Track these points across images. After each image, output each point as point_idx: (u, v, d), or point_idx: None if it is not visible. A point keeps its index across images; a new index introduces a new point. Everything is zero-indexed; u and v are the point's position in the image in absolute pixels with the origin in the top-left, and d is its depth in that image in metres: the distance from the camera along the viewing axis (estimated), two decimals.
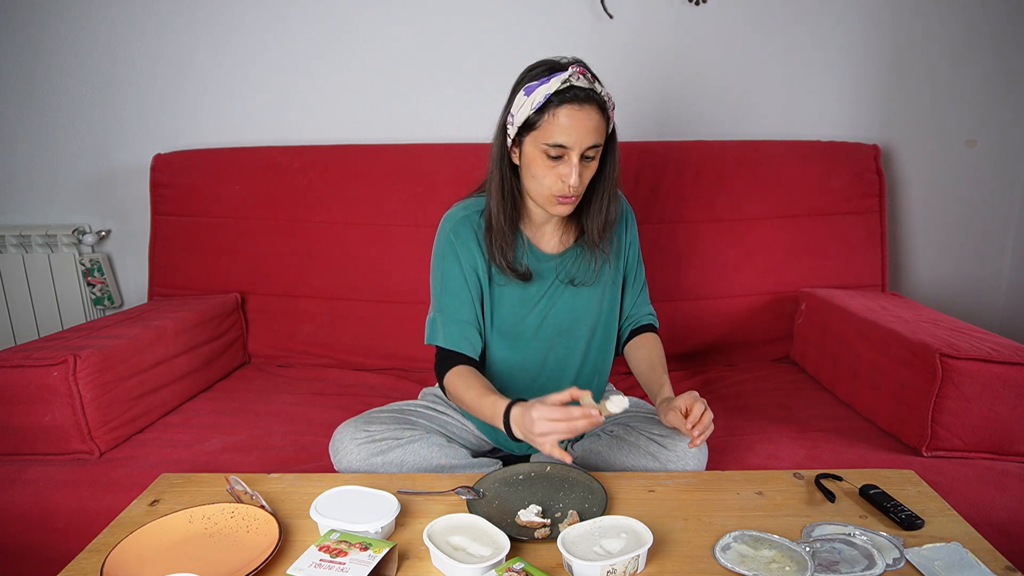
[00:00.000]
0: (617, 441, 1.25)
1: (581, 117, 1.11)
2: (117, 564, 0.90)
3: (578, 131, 1.11)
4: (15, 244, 2.14)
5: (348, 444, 1.23)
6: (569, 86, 1.10)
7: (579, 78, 1.10)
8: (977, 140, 2.07)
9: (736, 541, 0.96)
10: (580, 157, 1.13)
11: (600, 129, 1.13)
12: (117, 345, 1.46)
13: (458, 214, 1.28)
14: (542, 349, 1.31)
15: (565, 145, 1.12)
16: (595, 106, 1.12)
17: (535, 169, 1.16)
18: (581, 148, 1.12)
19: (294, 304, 1.95)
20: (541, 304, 1.29)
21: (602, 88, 1.14)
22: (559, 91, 1.10)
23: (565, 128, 1.11)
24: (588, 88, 1.11)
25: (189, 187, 1.98)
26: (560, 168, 1.14)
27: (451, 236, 1.26)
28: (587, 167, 1.16)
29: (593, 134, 1.12)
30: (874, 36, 2.00)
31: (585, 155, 1.14)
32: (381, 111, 2.09)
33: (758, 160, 1.92)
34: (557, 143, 1.11)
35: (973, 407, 1.29)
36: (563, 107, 1.10)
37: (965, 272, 2.15)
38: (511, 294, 1.28)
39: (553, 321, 1.30)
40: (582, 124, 1.11)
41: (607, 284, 1.33)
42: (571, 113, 1.10)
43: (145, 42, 2.06)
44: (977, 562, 0.91)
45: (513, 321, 1.29)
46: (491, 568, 0.88)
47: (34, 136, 2.14)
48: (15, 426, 1.36)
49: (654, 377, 1.28)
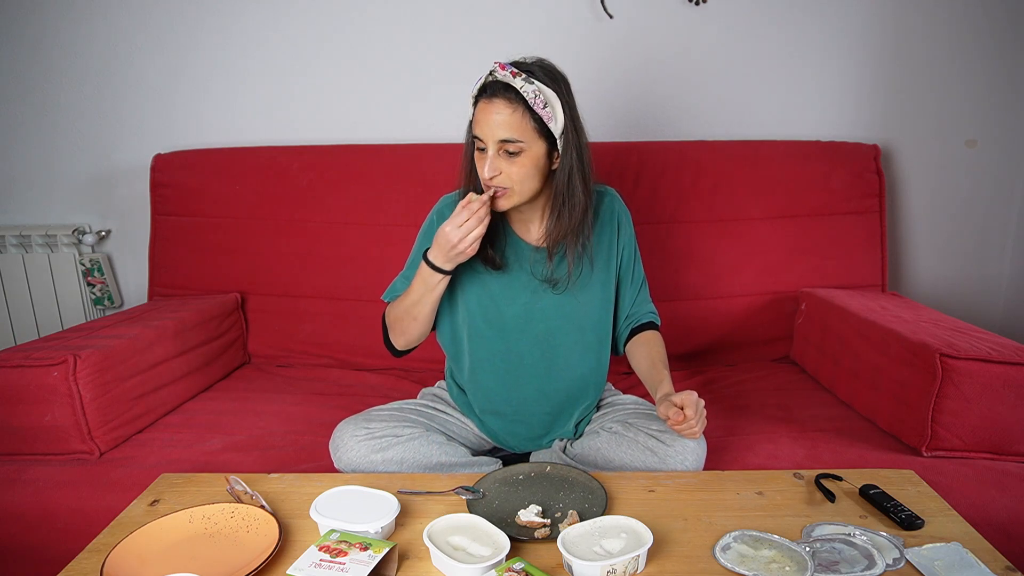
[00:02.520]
0: (616, 438, 1.26)
1: (489, 110, 1.14)
2: (117, 564, 0.90)
3: (486, 124, 1.14)
4: (15, 244, 2.14)
5: (348, 441, 1.23)
6: (490, 81, 1.14)
7: (499, 72, 1.13)
8: (977, 140, 2.07)
9: (736, 541, 0.96)
10: (498, 151, 1.15)
11: (512, 123, 1.13)
12: (117, 345, 1.46)
13: (450, 199, 1.34)
14: (528, 343, 1.31)
15: (478, 137, 1.17)
16: (505, 100, 1.13)
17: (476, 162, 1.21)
18: (493, 140, 1.15)
19: (294, 304, 1.95)
20: (524, 297, 1.30)
21: (527, 83, 1.12)
22: (481, 86, 1.16)
23: (478, 121, 1.16)
24: (501, 82, 1.13)
25: (189, 187, 1.98)
26: (481, 161, 1.18)
27: (435, 217, 1.33)
28: (511, 162, 1.16)
29: (502, 128, 1.14)
30: (874, 36, 2.00)
31: (506, 150, 1.15)
32: (380, 111, 2.09)
33: (758, 160, 1.92)
34: (475, 135, 1.18)
35: (973, 407, 1.29)
36: (480, 101, 1.16)
37: (965, 272, 2.15)
38: (493, 282, 1.30)
39: (539, 318, 1.30)
40: (489, 117, 1.14)
41: (596, 287, 1.33)
42: (483, 107, 1.15)
43: (145, 42, 2.06)
44: (977, 562, 0.90)
45: (496, 309, 1.30)
46: (491, 568, 0.88)
47: (34, 136, 2.14)
48: (15, 426, 1.36)
49: (654, 373, 1.28)
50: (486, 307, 1.30)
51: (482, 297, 1.30)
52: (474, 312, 1.31)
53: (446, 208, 1.31)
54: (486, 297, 1.30)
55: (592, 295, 1.32)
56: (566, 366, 1.33)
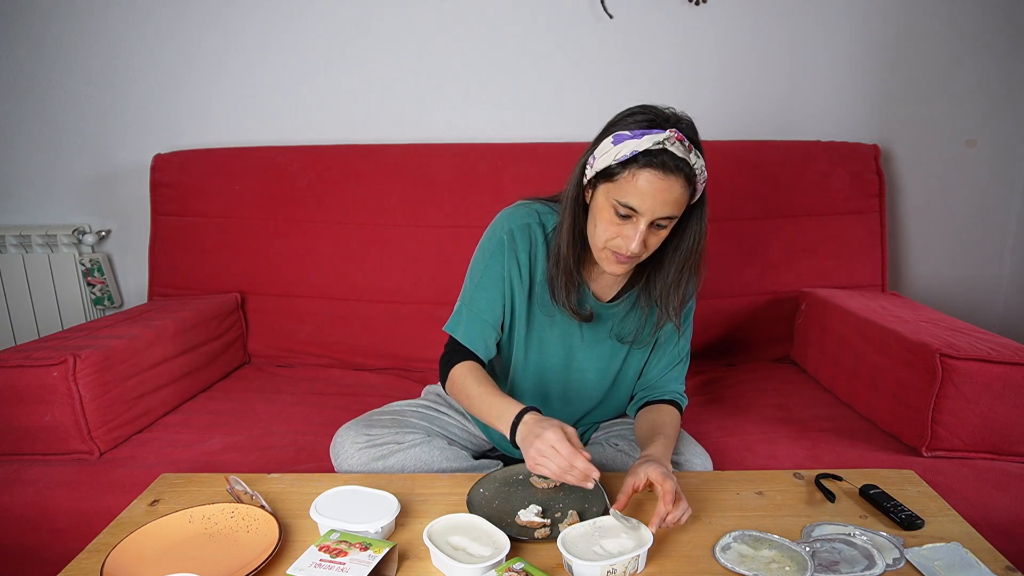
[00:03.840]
0: (621, 456, 1.25)
1: (662, 187, 1.01)
2: (117, 564, 0.90)
3: (654, 200, 1.02)
4: (15, 244, 2.14)
5: (349, 448, 1.23)
6: (661, 149, 1.00)
7: (675, 143, 1.01)
8: (977, 140, 2.07)
9: (736, 541, 0.96)
10: (649, 224, 1.05)
11: (680, 202, 1.04)
12: (117, 345, 1.46)
13: (523, 218, 1.20)
14: (574, 388, 1.29)
15: (636, 209, 1.03)
16: (681, 177, 1.02)
17: (600, 219, 1.09)
18: (652, 216, 1.04)
19: (294, 304, 1.95)
20: (580, 348, 1.26)
21: (697, 159, 1.04)
22: (648, 151, 1.01)
23: (642, 192, 1.02)
24: (681, 158, 1.01)
25: (189, 187, 1.98)
26: (625, 229, 1.06)
27: (506, 238, 1.19)
28: (654, 234, 1.08)
29: (670, 206, 1.03)
30: (874, 36, 2.00)
31: (657, 223, 1.06)
32: (381, 111, 2.09)
33: (758, 160, 1.92)
34: (628, 204, 1.03)
35: (973, 407, 1.29)
36: (646, 170, 1.01)
37: (965, 272, 2.15)
38: (553, 330, 1.24)
39: (596, 368, 1.27)
40: (660, 195, 1.02)
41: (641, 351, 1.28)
42: (652, 180, 1.01)
43: (145, 42, 2.06)
44: (977, 562, 0.90)
45: (548, 353, 1.26)
46: (491, 568, 0.88)
47: (34, 136, 2.14)
48: (15, 426, 1.36)
49: (651, 437, 1.14)
50: (541, 349, 1.26)
51: (541, 340, 1.25)
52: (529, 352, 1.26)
53: (519, 234, 1.18)
54: (543, 341, 1.25)
55: (636, 357, 1.28)
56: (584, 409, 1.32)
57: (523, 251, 1.19)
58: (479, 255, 1.23)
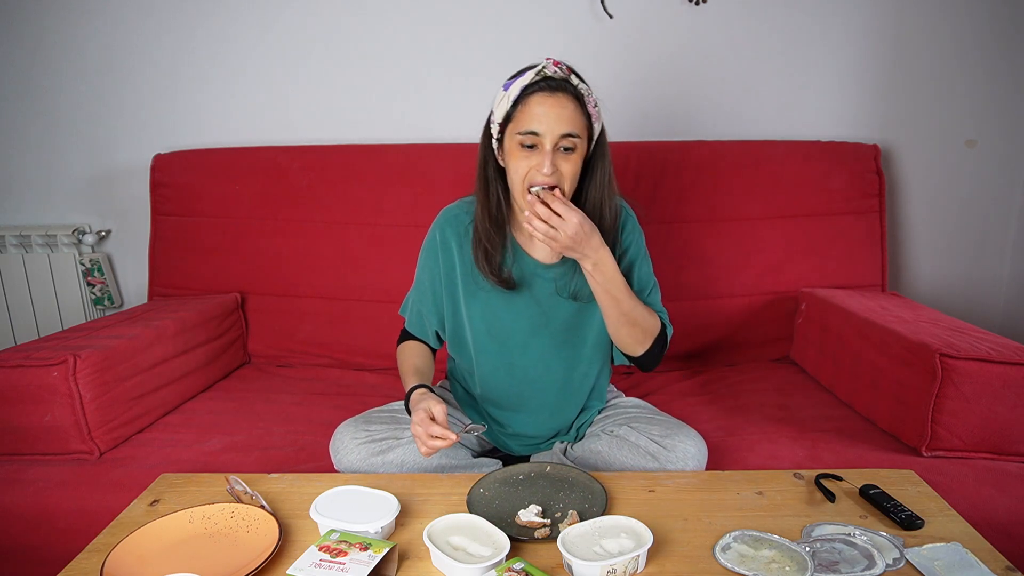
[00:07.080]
0: (618, 441, 1.25)
1: (552, 103, 1.10)
2: (117, 564, 0.90)
3: (548, 118, 1.10)
4: (15, 244, 2.14)
5: (348, 443, 1.23)
6: (543, 76, 1.11)
7: (553, 69, 1.11)
8: (977, 140, 2.07)
9: (736, 541, 0.96)
10: (555, 147, 1.11)
11: (574, 119, 1.11)
12: (117, 345, 1.46)
13: (452, 212, 1.30)
14: (531, 358, 1.30)
15: (537, 132, 1.10)
16: (568, 95, 1.11)
17: (512, 160, 1.14)
18: (554, 136, 1.10)
19: (294, 304, 1.95)
20: (532, 313, 1.28)
21: (580, 83, 1.13)
22: (532, 82, 1.11)
23: (536, 115, 1.10)
24: (561, 78, 1.11)
25: (189, 187, 1.98)
26: (534, 158, 1.12)
27: (436, 234, 1.29)
28: (566, 159, 1.12)
29: (566, 122, 1.10)
30: (874, 36, 2.00)
31: (563, 146, 1.11)
32: (380, 111, 2.08)
33: (758, 160, 1.92)
34: (529, 130, 1.10)
35: (973, 407, 1.29)
36: (534, 95, 1.11)
37: (965, 272, 2.15)
38: (498, 299, 1.27)
39: (551, 331, 1.29)
40: (552, 111, 1.10)
41: None
42: (542, 100, 1.10)
43: (145, 42, 2.06)
44: (977, 562, 0.90)
45: (500, 326, 1.28)
46: (491, 568, 0.88)
47: (34, 136, 2.14)
48: (15, 426, 1.36)
49: None
50: (490, 324, 1.29)
51: (486, 314, 1.28)
52: (479, 329, 1.30)
53: (447, 225, 1.28)
54: (490, 314, 1.28)
55: (595, 309, 1.28)
56: (568, 380, 1.33)
57: (452, 239, 1.28)
58: (421, 252, 1.35)
